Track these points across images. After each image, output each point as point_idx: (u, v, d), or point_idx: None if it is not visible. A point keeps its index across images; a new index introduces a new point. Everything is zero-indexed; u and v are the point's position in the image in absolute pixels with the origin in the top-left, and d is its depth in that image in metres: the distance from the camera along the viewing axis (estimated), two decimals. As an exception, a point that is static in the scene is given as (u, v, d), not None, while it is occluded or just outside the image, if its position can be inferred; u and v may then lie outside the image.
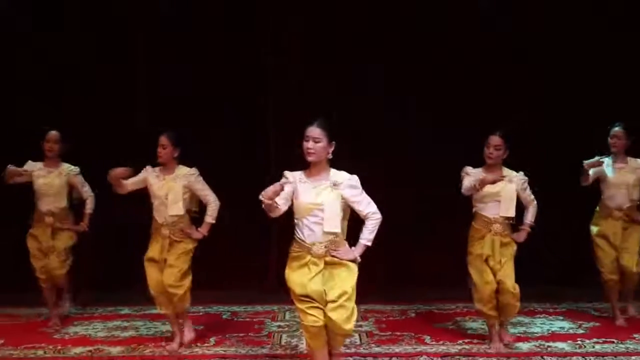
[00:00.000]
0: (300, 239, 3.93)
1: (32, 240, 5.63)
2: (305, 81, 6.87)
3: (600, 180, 5.46)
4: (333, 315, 3.82)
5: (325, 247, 3.91)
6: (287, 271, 3.98)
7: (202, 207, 5.15)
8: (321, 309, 3.84)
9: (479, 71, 6.80)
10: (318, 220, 3.89)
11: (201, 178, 5.06)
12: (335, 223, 3.88)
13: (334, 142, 3.89)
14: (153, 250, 5.00)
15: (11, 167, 5.44)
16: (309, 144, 3.88)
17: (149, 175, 5.03)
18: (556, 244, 6.38)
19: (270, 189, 3.70)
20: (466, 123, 6.38)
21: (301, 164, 3.97)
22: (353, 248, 3.95)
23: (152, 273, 4.98)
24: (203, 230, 5.05)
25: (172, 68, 7.02)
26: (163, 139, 4.96)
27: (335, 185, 3.90)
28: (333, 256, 3.89)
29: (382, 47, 6.88)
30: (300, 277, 3.90)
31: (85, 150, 6.04)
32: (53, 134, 5.60)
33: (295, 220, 3.96)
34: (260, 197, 3.73)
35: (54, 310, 5.73)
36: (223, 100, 7.04)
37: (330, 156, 3.93)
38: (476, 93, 6.78)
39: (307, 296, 3.85)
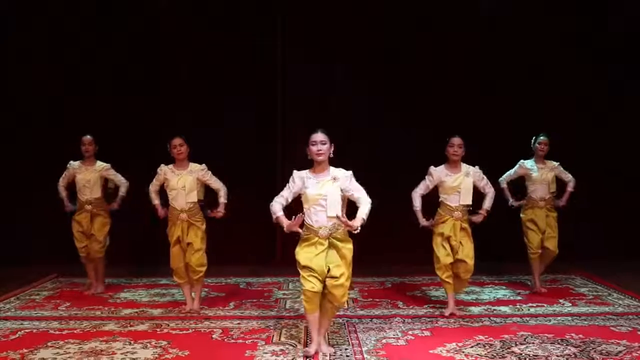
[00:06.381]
0: (309, 224, 4.30)
1: (75, 224, 6.22)
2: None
3: (526, 178, 6.09)
4: (334, 290, 4.23)
5: (329, 229, 4.25)
6: (297, 249, 4.35)
7: (207, 196, 5.67)
8: (319, 279, 4.24)
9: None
10: (322, 208, 4.27)
11: (210, 172, 5.53)
12: (336, 209, 4.23)
13: (332, 144, 4.33)
14: (177, 233, 5.50)
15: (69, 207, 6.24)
16: (317, 147, 4.27)
17: (166, 173, 5.50)
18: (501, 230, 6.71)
19: (292, 225, 4.23)
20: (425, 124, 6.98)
21: (306, 161, 4.44)
22: (353, 220, 4.16)
23: (176, 251, 5.51)
24: (221, 209, 5.55)
25: (189, 69, 7.57)
26: (180, 141, 5.41)
27: (335, 179, 4.30)
28: (343, 222, 4.14)
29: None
30: (307, 253, 4.27)
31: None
32: (87, 138, 6.15)
33: (305, 210, 4.34)
34: (285, 229, 4.27)
35: (94, 281, 6.34)
36: (239, 100, 7.61)
37: (331, 155, 4.36)
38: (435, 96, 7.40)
39: (310, 268, 4.24)
